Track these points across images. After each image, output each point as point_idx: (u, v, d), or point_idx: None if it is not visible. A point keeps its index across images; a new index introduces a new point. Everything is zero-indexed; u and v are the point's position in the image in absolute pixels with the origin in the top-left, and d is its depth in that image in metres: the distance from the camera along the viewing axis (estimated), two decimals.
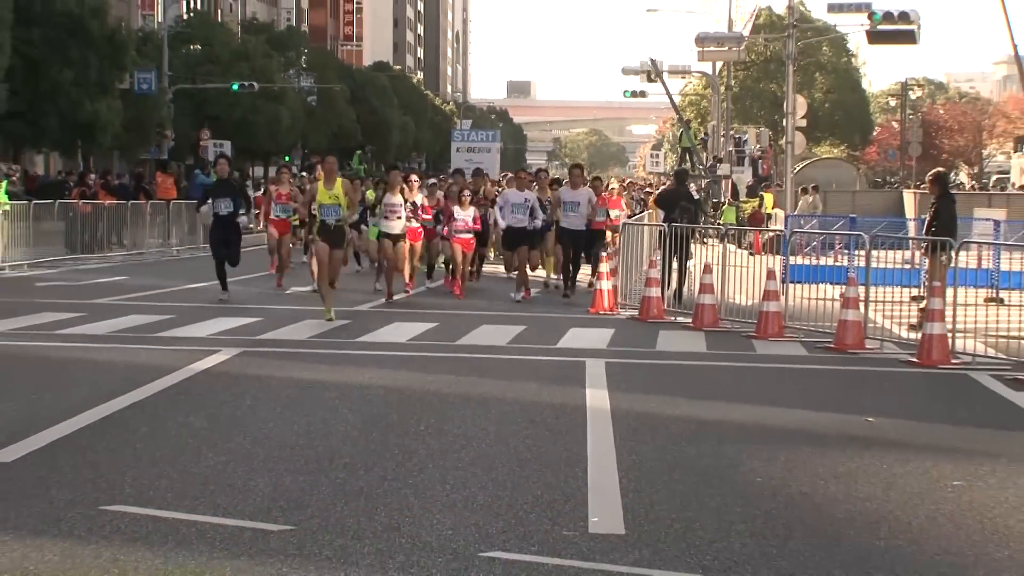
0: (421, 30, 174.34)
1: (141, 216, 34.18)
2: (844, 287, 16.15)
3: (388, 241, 20.81)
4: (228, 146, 54.85)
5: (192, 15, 71.61)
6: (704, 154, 59.61)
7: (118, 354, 14.04)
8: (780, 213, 38.74)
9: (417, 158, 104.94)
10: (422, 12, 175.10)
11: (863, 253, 17.41)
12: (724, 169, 53.30)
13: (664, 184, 36.76)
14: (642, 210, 36.13)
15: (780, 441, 9.97)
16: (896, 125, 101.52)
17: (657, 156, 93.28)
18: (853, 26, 41.16)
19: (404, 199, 21.05)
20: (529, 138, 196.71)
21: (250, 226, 28.81)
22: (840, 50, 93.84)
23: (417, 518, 7.38)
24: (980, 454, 9.65)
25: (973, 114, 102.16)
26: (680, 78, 69.49)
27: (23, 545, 6.73)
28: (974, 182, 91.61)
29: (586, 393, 11.89)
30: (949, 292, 15.36)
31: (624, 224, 22.81)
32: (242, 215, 20.45)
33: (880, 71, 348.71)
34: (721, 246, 20.11)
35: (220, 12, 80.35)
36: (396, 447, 9.34)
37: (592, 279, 22.56)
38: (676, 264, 20.38)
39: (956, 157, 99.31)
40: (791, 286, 18.39)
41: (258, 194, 36.23)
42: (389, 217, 20.81)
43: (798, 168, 47.12)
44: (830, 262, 24.79)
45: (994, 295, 20.77)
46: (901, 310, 18.21)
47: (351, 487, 8.10)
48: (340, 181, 18.32)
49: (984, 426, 11.02)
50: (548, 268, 24.80)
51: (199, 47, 63.89)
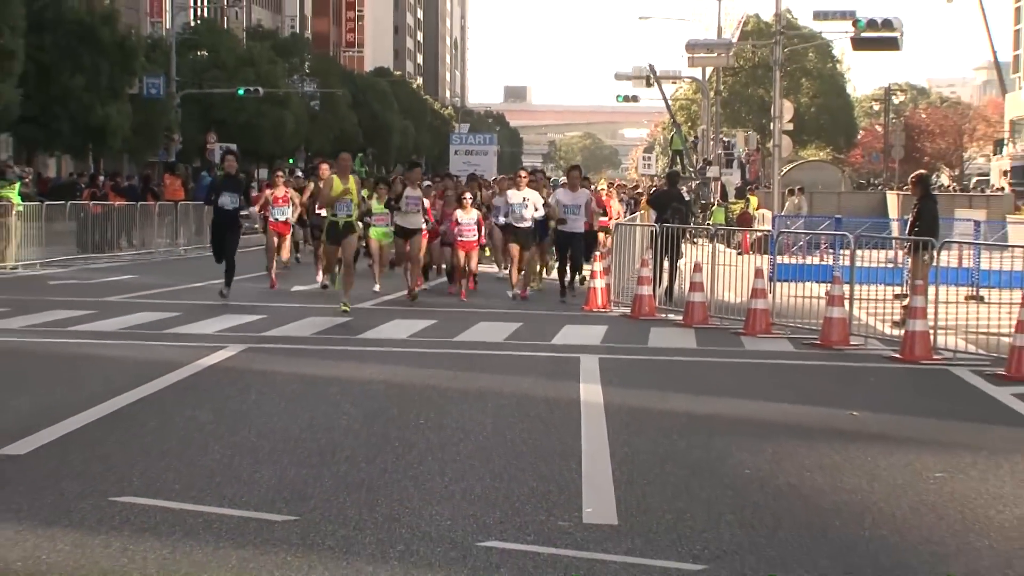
0: (421, 37, 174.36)
1: (149, 217, 34.18)
2: (829, 285, 16.14)
3: (400, 238, 20.30)
4: (236, 151, 54.74)
5: (199, 22, 71.66)
6: (694, 156, 59.60)
7: (127, 350, 14.03)
8: (767, 214, 38.72)
9: (417, 161, 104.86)
10: (421, 19, 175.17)
11: (848, 252, 17.42)
12: (713, 171, 53.32)
13: (655, 185, 36.79)
14: (628, 210, 36.12)
15: (768, 434, 9.97)
16: (880, 129, 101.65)
17: (649, 159, 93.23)
18: (838, 33, 41.35)
19: (423, 194, 20.71)
20: (525, 141, 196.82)
21: (249, 223, 28.49)
22: (825, 56, 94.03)
23: (417, 509, 7.38)
24: (961, 447, 9.65)
25: (954, 118, 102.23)
26: (671, 83, 69.34)
27: (35, 535, 6.72)
28: (955, 184, 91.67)
29: (580, 388, 11.87)
30: (931, 290, 15.36)
31: (617, 224, 22.80)
32: (243, 214, 20.22)
33: (864, 77, 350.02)
34: (711, 246, 20.11)
35: (226, 19, 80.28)
36: (396, 440, 9.33)
37: (583, 276, 22.41)
38: (667, 263, 20.34)
39: (938, 160, 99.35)
40: (778, 284, 18.36)
41: (255, 194, 36.06)
42: (409, 211, 20.27)
43: (785, 170, 47.17)
44: (816, 261, 24.79)
45: (974, 293, 20.76)
46: (885, 308, 18.23)
47: (353, 479, 8.09)
48: (352, 178, 18.01)
49: (965, 420, 11.01)
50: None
51: (206, 53, 63.94)
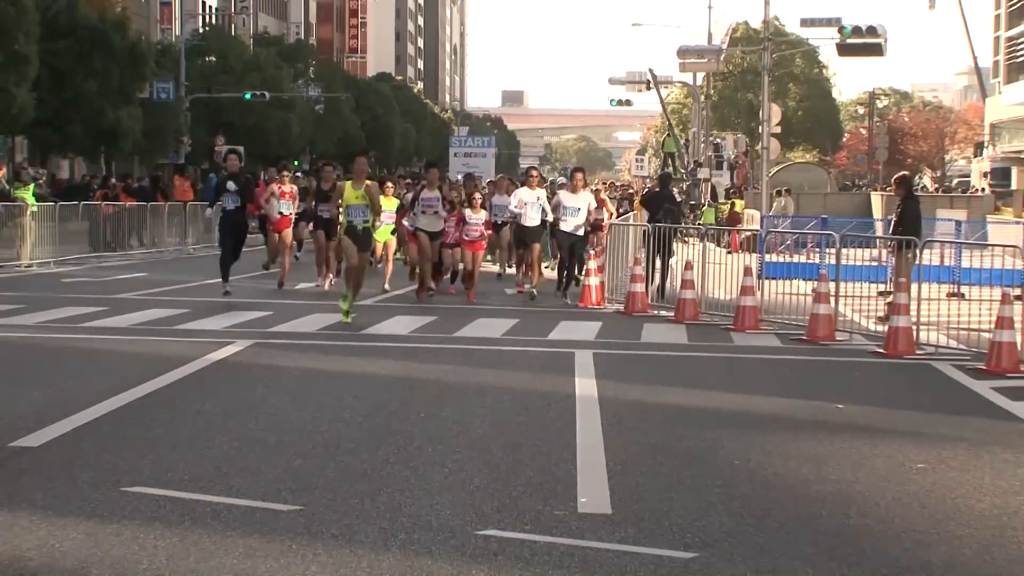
0: (421, 43, 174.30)
1: (160, 217, 34.15)
2: (816, 283, 16.12)
3: (424, 236, 19.79)
4: (241, 150, 54.69)
5: (207, 29, 71.63)
6: (685, 158, 59.63)
7: (138, 346, 14.00)
8: (755, 214, 38.72)
9: (418, 162, 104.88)
10: (422, 26, 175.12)
11: (834, 251, 17.42)
12: (704, 173, 53.39)
13: (646, 186, 36.77)
14: (619, 208, 36.06)
15: (757, 427, 9.96)
16: (864, 132, 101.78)
17: (641, 161, 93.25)
18: (824, 39, 41.33)
19: (442, 196, 20.10)
20: (522, 144, 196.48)
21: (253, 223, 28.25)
22: (812, 62, 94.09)
23: (417, 499, 7.37)
24: (943, 439, 9.64)
25: (936, 122, 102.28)
26: (663, 87, 69.26)
27: (49, 524, 6.71)
28: (937, 185, 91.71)
29: (575, 382, 11.86)
30: (914, 288, 15.36)
31: (611, 224, 22.78)
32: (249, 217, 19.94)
33: (849, 81, 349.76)
34: (701, 245, 20.09)
35: (234, 26, 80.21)
36: (398, 432, 9.31)
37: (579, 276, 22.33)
38: (659, 262, 20.32)
39: (920, 162, 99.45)
40: (766, 282, 18.35)
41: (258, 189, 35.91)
42: (426, 212, 19.79)
43: (773, 172, 47.20)
44: (803, 260, 24.77)
45: (956, 290, 20.74)
46: (869, 304, 18.24)
47: (356, 470, 8.08)
48: (367, 184, 17.07)
49: (946, 413, 11.00)
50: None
51: (214, 59, 63.93)
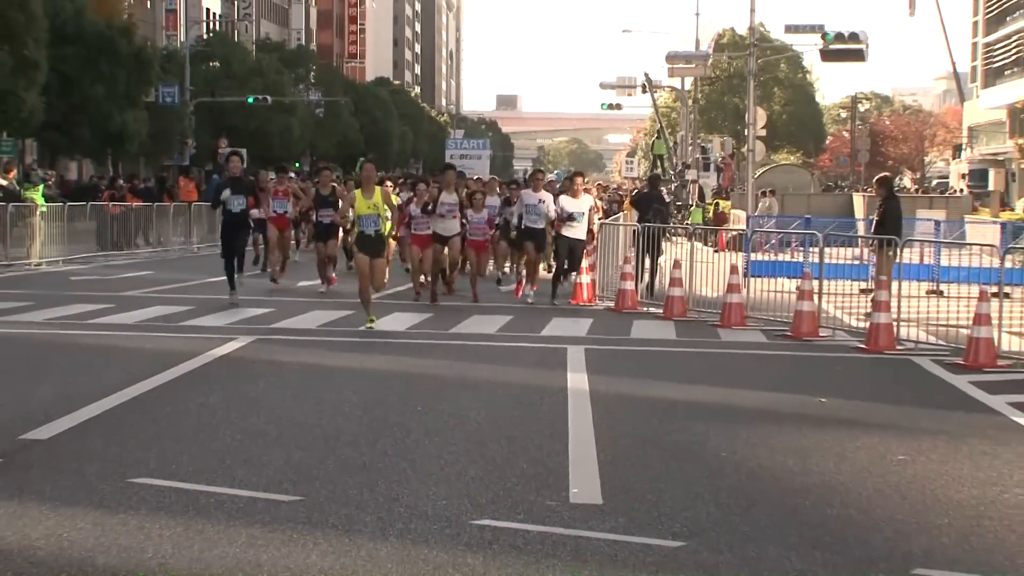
0: (418, 49, 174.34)
1: (165, 217, 34.08)
2: (800, 281, 16.13)
3: (439, 244, 19.02)
4: (243, 153, 54.65)
5: (211, 35, 71.56)
6: (674, 160, 59.68)
7: (144, 342, 13.99)
8: (741, 214, 38.72)
9: (415, 164, 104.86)
10: (419, 33, 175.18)
11: (817, 250, 17.43)
12: (691, 174, 53.46)
13: (636, 187, 36.74)
14: (607, 210, 36.03)
15: (742, 419, 9.97)
16: (847, 135, 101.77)
17: (631, 162, 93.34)
18: (808, 45, 41.28)
19: (459, 199, 19.44)
20: (516, 146, 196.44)
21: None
22: (796, 67, 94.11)
23: (414, 490, 7.37)
24: (923, 431, 9.66)
25: (916, 125, 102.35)
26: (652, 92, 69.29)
27: (57, 514, 6.70)
28: (917, 186, 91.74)
29: (567, 377, 11.85)
30: (894, 285, 15.38)
31: (601, 224, 22.76)
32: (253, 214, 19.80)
33: (832, 86, 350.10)
34: (689, 244, 20.11)
35: (237, 33, 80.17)
36: (396, 425, 9.31)
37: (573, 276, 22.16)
38: (649, 260, 20.32)
39: (901, 164, 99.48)
40: (752, 280, 18.35)
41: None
42: (445, 216, 19.06)
43: (758, 173, 47.18)
44: (787, 258, 24.77)
45: (935, 288, 20.75)
46: (851, 301, 18.26)
47: (355, 462, 8.08)
48: (379, 190, 16.08)
49: (926, 406, 11.02)
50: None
51: (218, 64, 63.93)
